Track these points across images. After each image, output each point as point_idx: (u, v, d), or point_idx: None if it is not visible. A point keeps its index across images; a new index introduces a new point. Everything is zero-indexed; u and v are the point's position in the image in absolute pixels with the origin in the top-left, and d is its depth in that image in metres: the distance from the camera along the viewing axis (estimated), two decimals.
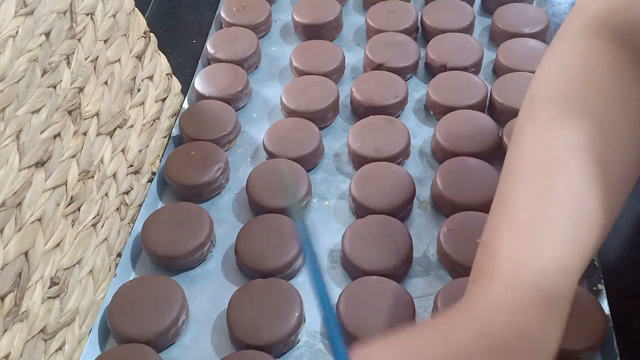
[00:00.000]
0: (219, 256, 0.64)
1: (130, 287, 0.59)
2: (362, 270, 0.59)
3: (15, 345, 0.49)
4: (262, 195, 0.65)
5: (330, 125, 0.76)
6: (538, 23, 0.82)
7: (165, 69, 0.75)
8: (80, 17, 0.58)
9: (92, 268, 0.59)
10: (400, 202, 0.64)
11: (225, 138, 0.73)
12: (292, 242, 0.61)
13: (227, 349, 0.57)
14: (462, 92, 0.74)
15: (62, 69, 0.55)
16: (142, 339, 0.55)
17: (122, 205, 0.65)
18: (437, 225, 0.65)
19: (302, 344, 0.57)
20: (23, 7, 0.51)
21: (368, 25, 0.85)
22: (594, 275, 0.59)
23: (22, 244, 0.50)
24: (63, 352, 0.54)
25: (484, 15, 0.89)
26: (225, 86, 0.77)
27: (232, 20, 0.87)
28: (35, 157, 0.52)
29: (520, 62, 0.76)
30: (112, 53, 0.64)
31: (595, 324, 0.52)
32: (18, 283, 0.49)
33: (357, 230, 0.62)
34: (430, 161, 0.71)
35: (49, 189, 0.53)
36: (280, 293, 0.57)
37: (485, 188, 0.64)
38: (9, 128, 0.49)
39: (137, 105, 0.69)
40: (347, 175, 0.71)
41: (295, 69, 0.80)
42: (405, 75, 0.79)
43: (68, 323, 0.55)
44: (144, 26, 0.71)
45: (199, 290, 0.62)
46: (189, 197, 0.68)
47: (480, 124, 0.70)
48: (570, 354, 0.52)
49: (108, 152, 0.63)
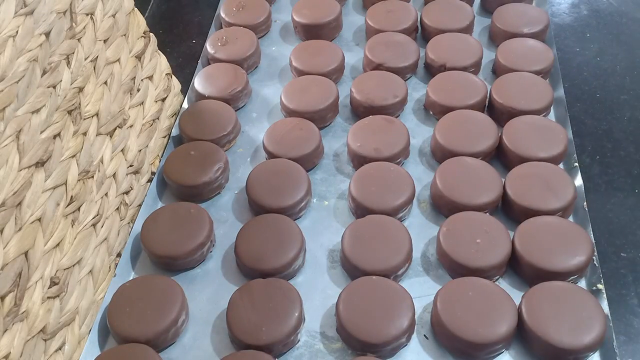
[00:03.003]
0: (218, 256, 0.64)
1: (130, 287, 0.59)
2: (361, 270, 0.59)
3: (15, 345, 0.49)
4: (262, 195, 0.65)
5: (330, 125, 0.76)
6: (538, 23, 0.82)
7: (165, 68, 0.75)
8: (80, 17, 0.58)
9: (92, 268, 0.59)
10: (400, 202, 0.64)
11: (225, 138, 0.73)
12: (292, 242, 0.61)
13: (227, 349, 0.57)
14: (462, 92, 0.74)
15: (62, 69, 0.55)
16: (142, 339, 0.55)
17: (121, 205, 0.65)
18: (436, 225, 0.65)
19: (301, 344, 0.57)
20: (23, 7, 0.51)
21: (368, 25, 0.85)
22: (594, 275, 0.59)
23: (22, 244, 0.50)
24: (63, 352, 0.54)
25: (483, 15, 0.89)
26: (225, 86, 0.77)
27: (232, 20, 0.87)
28: (35, 157, 0.52)
29: (519, 62, 0.77)
30: (111, 53, 0.64)
31: (595, 324, 0.53)
32: (18, 283, 0.49)
33: (357, 230, 0.62)
34: (430, 161, 0.72)
35: (49, 189, 0.53)
36: (280, 293, 0.57)
37: (485, 188, 0.64)
38: (9, 128, 0.49)
39: (136, 105, 0.69)
40: (346, 175, 0.71)
41: (295, 69, 0.80)
42: (404, 75, 0.79)
43: (68, 323, 0.55)
44: (143, 26, 0.71)
45: (199, 290, 0.62)
46: (188, 197, 0.68)
47: (479, 124, 0.70)
48: (570, 354, 0.52)
49: (108, 152, 0.63)
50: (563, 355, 0.52)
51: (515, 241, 0.59)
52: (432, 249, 0.63)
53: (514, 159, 0.67)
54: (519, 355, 0.55)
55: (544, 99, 0.72)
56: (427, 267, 0.62)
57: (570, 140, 0.69)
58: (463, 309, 0.54)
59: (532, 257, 0.58)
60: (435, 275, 0.61)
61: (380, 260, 0.59)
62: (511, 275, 0.60)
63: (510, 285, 0.60)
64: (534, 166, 0.65)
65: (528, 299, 0.55)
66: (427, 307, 0.59)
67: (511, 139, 0.68)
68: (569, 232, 0.59)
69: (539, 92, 0.73)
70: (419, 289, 0.60)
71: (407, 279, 0.61)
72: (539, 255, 0.58)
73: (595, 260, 0.59)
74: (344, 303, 0.56)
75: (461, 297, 0.55)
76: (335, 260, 0.63)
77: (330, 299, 0.59)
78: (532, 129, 0.68)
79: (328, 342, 0.57)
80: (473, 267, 0.58)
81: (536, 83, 0.74)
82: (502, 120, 0.72)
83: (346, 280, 0.61)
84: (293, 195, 0.65)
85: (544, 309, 0.54)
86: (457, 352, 0.55)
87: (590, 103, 0.78)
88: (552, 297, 0.54)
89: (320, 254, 0.64)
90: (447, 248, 0.60)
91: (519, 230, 0.60)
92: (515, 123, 0.69)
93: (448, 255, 0.59)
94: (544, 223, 0.60)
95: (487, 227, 0.60)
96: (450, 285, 0.57)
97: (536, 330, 0.53)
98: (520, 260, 0.59)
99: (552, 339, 0.52)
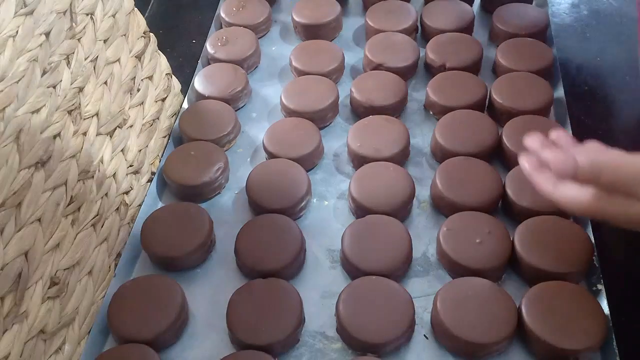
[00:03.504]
0: (219, 256, 0.64)
1: (130, 287, 0.59)
2: (361, 270, 0.59)
3: (15, 345, 0.49)
4: (262, 195, 0.65)
5: (330, 125, 0.76)
6: (537, 23, 0.82)
7: (165, 69, 0.75)
8: (80, 17, 0.58)
9: (92, 268, 0.59)
10: (400, 202, 0.64)
11: (225, 138, 0.73)
12: (292, 242, 0.61)
13: (227, 349, 0.57)
14: (462, 92, 0.74)
15: (62, 69, 0.55)
16: (142, 339, 0.55)
17: (121, 205, 0.65)
18: (436, 225, 0.65)
19: (301, 344, 0.57)
20: (23, 7, 0.51)
21: (368, 25, 0.85)
22: (594, 275, 0.59)
23: (22, 244, 0.50)
24: (63, 352, 0.54)
25: (483, 15, 0.89)
26: (225, 86, 0.77)
27: (232, 20, 0.87)
28: (35, 157, 0.52)
29: (519, 62, 0.77)
30: (111, 53, 0.64)
31: (595, 324, 0.53)
32: (18, 283, 0.49)
33: (357, 230, 0.62)
34: (430, 161, 0.72)
35: (49, 189, 0.53)
36: (280, 293, 0.57)
37: (485, 188, 0.64)
38: (9, 128, 0.49)
39: (136, 105, 0.69)
40: (346, 175, 0.71)
41: (295, 69, 0.80)
42: (404, 75, 0.79)
43: (68, 323, 0.55)
44: (143, 26, 0.71)
45: (199, 290, 0.62)
46: (189, 197, 0.68)
47: (479, 124, 0.70)
48: (570, 354, 0.52)
49: (108, 152, 0.63)
50: (563, 355, 0.52)
51: (515, 241, 0.59)
52: (432, 249, 0.63)
53: (514, 159, 0.67)
54: (519, 355, 0.55)
55: (544, 99, 0.72)
56: (427, 267, 0.62)
57: None
58: (463, 309, 0.54)
59: (532, 258, 0.58)
60: (435, 275, 0.61)
61: (380, 260, 0.59)
62: (511, 275, 0.60)
63: (510, 285, 0.60)
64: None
65: (528, 299, 0.55)
66: (427, 307, 0.58)
67: (511, 139, 0.68)
68: (569, 232, 0.59)
69: (539, 92, 0.73)
70: (419, 289, 0.60)
71: (407, 279, 0.61)
72: (539, 255, 0.58)
73: (596, 260, 0.59)
74: (344, 303, 0.56)
75: (461, 297, 0.55)
76: (335, 260, 0.63)
77: (330, 299, 0.59)
78: (532, 129, 0.68)
79: (328, 342, 0.57)
80: (473, 267, 0.58)
81: (536, 83, 0.74)
82: (502, 120, 0.72)
83: (346, 280, 0.61)
84: (293, 195, 0.65)
85: (544, 309, 0.54)
86: (457, 352, 0.55)
87: (590, 103, 0.78)
88: (552, 297, 0.54)
89: (320, 254, 0.64)
90: (447, 248, 0.60)
91: (519, 230, 0.60)
92: (515, 123, 0.69)
93: (448, 255, 0.59)
94: (544, 223, 0.60)
95: (487, 227, 0.60)
96: (450, 285, 0.57)
97: (536, 330, 0.53)
98: (520, 261, 0.59)
99: (552, 339, 0.52)
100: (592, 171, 0.44)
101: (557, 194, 0.49)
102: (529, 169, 0.51)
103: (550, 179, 0.49)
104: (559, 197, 0.49)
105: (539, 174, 0.50)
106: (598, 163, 0.45)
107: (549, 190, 0.49)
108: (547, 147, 0.53)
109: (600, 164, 0.45)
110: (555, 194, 0.49)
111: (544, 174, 0.50)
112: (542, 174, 0.50)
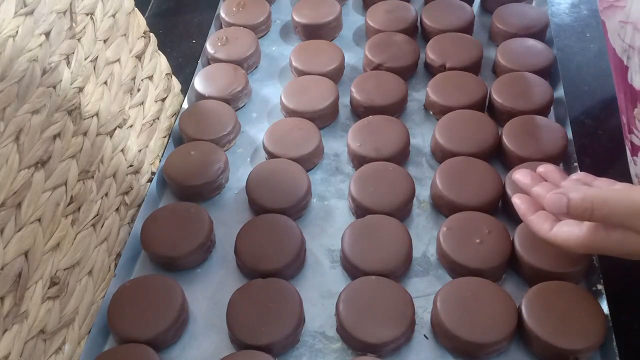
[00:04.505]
0: (219, 256, 0.64)
1: (130, 287, 0.59)
2: (361, 270, 0.59)
3: (15, 345, 0.49)
4: (262, 195, 0.65)
5: (330, 125, 0.76)
6: (538, 23, 0.82)
7: (165, 69, 0.75)
8: (80, 17, 0.58)
9: (92, 268, 0.59)
10: (400, 202, 0.64)
11: (225, 138, 0.73)
12: (292, 242, 0.61)
13: (227, 349, 0.57)
14: (462, 92, 0.74)
15: (62, 69, 0.55)
16: (142, 339, 0.55)
17: (121, 205, 0.65)
18: (436, 225, 0.65)
19: (301, 344, 0.57)
20: (23, 7, 0.51)
21: (368, 25, 0.85)
22: (594, 275, 0.59)
23: (22, 244, 0.50)
24: (63, 352, 0.54)
25: (483, 15, 0.89)
26: (224, 86, 0.77)
27: (232, 20, 0.87)
28: (35, 157, 0.52)
29: (519, 62, 0.77)
30: (111, 53, 0.64)
31: (595, 324, 0.53)
32: (18, 283, 0.49)
33: (357, 230, 0.62)
34: (430, 161, 0.72)
35: (49, 189, 0.53)
36: (280, 293, 0.57)
37: (485, 188, 0.64)
38: (9, 128, 0.49)
39: (136, 105, 0.69)
40: (346, 175, 0.71)
41: (295, 69, 0.80)
42: (404, 75, 0.79)
43: (68, 323, 0.55)
44: (143, 26, 0.71)
45: (199, 290, 0.62)
46: (189, 197, 0.68)
47: (479, 124, 0.70)
48: (570, 354, 0.52)
49: (108, 152, 0.63)
50: (563, 355, 0.52)
51: (515, 241, 0.59)
52: (432, 249, 0.63)
53: (514, 159, 0.67)
54: (519, 355, 0.55)
55: (544, 99, 0.72)
56: (427, 267, 0.62)
57: (570, 140, 0.69)
58: (463, 309, 0.54)
59: (532, 258, 0.58)
60: (435, 275, 0.61)
61: (380, 260, 0.59)
62: (511, 275, 0.60)
63: (510, 285, 0.60)
64: (534, 166, 0.65)
65: (528, 299, 0.55)
66: (427, 307, 0.58)
67: (511, 139, 0.68)
68: None
69: (539, 92, 0.73)
70: (419, 289, 0.60)
71: (407, 279, 0.61)
72: (539, 255, 0.58)
73: (596, 260, 0.59)
74: (344, 303, 0.56)
75: (461, 297, 0.55)
76: (335, 260, 0.63)
77: (330, 299, 0.59)
78: (532, 129, 0.68)
79: (328, 342, 0.57)
80: (473, 267, 0.58)
81: (536, 83, 0.74)
82: (502, 120, 0.72)
83: (346, 280, 0.61)
84: (293, 195, 0.65)
85: (544, 309, 0.54)
86: (457, 352, 0.55)
87: (590, 103, 0.78)
88: (552, 297, 0.54)
89: (320, 254, 0.64)
90: (447, 248, 0.60)
91: (519, 230, 0.60)
92: (515, 123, 0.69)
93: (448, 255, 0.59)
94: None
95: (487, 227, 0.60)
96: (450, 285, 0.57)
97: (536, 330, 0.53)
98: (520, 261, 0.59)
99: (552, 339, 0.52)
100: (584, 206, 0.45)
101: (552, 235, 0.49)
102: (523, 211, 0.52)
103: (544, 217, 0.50)
104: (554, 237, 0.49)
105: (533, 215, 0.52)
106: (589, 198, 0.45)
107: (545, 232, 0.50)
108: (537, 180, 0.54)
109: (592, 199, 0.45)
110: (550, 234, 0.49)
111: (538, 214, 0.51)
112: (536, 216, 0.51)
